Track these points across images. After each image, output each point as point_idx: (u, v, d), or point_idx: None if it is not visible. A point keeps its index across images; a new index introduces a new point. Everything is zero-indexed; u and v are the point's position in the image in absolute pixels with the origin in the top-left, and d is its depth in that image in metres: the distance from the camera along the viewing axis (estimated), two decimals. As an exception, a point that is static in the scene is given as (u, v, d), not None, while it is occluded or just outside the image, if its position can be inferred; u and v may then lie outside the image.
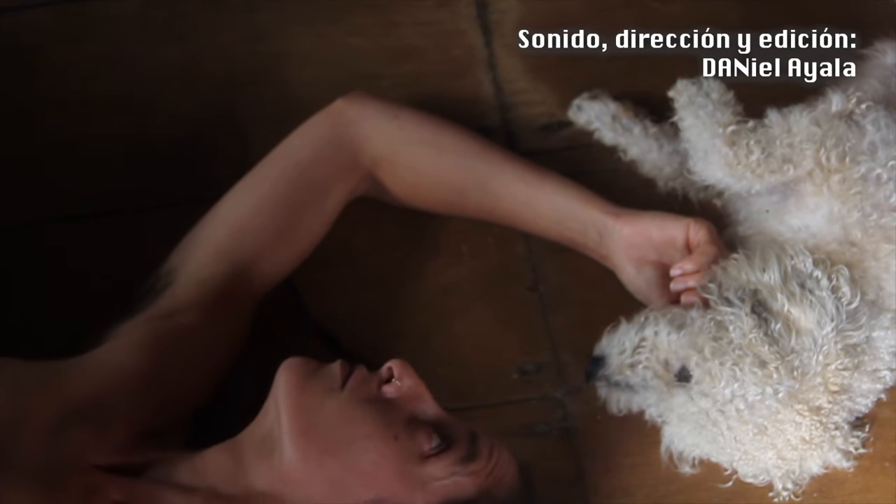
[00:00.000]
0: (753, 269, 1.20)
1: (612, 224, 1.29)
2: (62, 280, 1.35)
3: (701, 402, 1.16)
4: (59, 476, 1.04)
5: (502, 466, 1.11)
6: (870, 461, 1.27)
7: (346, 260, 1.38)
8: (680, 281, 1.23)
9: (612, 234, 1.29)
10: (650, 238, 1.27)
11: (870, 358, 1.20)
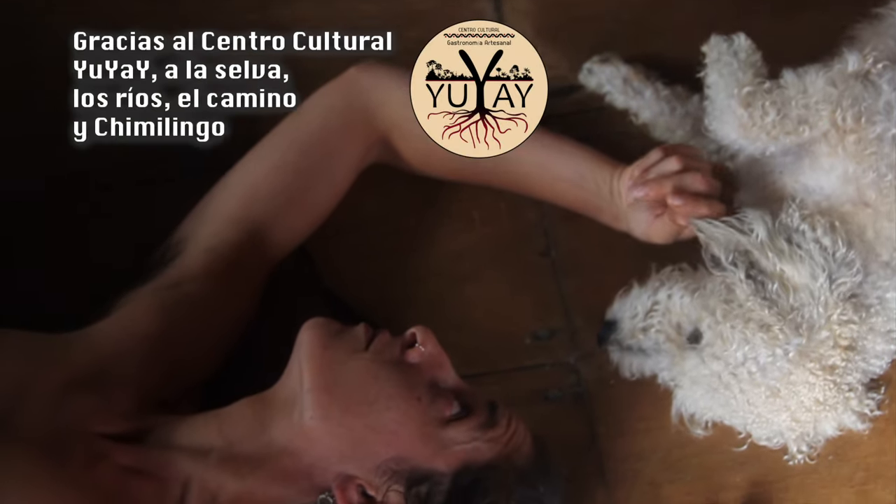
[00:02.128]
0: (742, 231, 1.20)
1: (618, 178, 1.30)
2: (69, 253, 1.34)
3: (713, 364, 1.16)
4: (63, 443, 1.04)
5: (520, 435, 1.11)
6: (885, 423, 1.26)
7: (358, 226, 1.38)
8: (636, 188, 1.25)
9: (618, 187, 1.30)
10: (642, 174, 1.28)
11: (883, 319, 1.19)
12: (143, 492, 1.04)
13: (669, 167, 1.25)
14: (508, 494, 1.08)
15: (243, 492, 1.05)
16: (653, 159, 1.26)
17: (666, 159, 1.25)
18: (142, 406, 1.12)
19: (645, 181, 1.25)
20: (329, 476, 1.06)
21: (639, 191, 1.25)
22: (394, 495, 1.05)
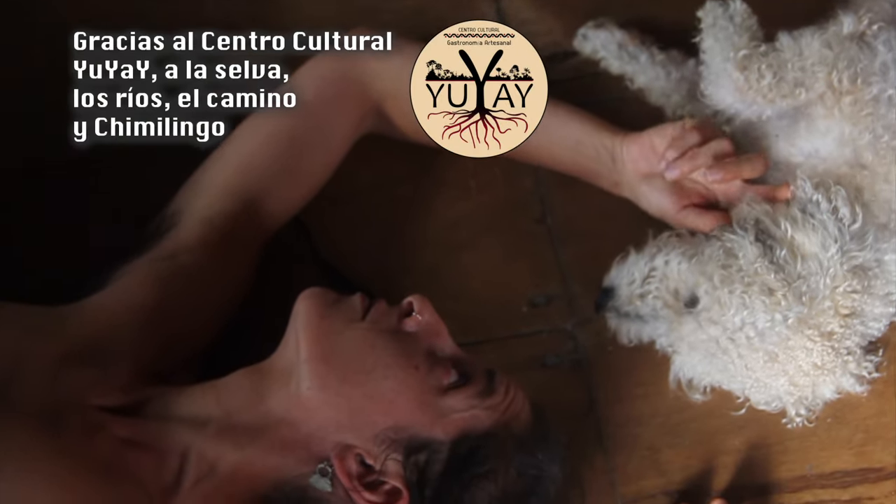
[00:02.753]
0: (752, 201, 1.20)
1: (621, 145, 1.29)
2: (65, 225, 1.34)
3: (710, 329, 1.16)
4: (60, 416, 1.03)
5: (518, 402, 1.11)
6: (883, 385, 1.27)
7: (353, 196, 1.37)
8: (671, 168, 1.24)
9: (623, 156, 1.30)
10: (654, 148, 1.28)
11: (882, 282, 1.19)
12: (141, 463, 1.03)
13: (693, 140, 1.25)
14: (507, 462, 1.08)
15: (242, 462, 1.05)
16: (690, 141, 1.25)
17: (690, 133, 1.26)
18: (139, 378, 1.11)
19: (675, 160, 1.25)
20: (327, 445, 1.05)
21: (672, 171, 1.25)
22: (392, 464, 1.05)
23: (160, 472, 1.04)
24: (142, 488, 1.02)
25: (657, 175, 1.28)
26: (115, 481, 1.01)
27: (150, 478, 1.03)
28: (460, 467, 1.06)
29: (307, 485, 1.05)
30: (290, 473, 1.06)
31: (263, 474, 1.06)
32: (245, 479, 1.05)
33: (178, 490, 1.04)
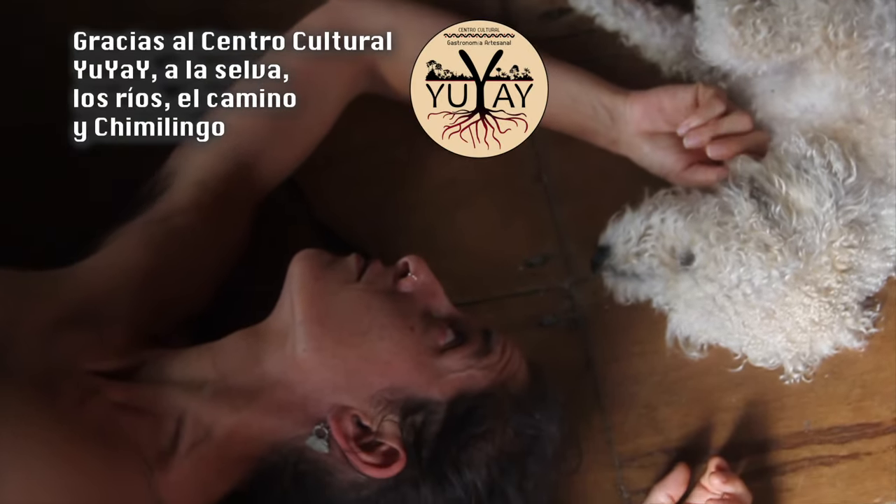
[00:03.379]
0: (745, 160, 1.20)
1: (623, 104, 1.29)
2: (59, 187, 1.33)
3: (706, 286, 1.15)
4: (54, 381, 1.03)
5: (515, 362, 1.11)
6: (881, 340, 1.26)
7: (347, 157, 1.37)
8: (692, 136, 1.25)
9: (624, 115, 1.29)
10: (661, 108, 1.28)
11: (879, 237, 1.19)
12: (137, 428, 1.03)
13: (719, 110, 1.26)
14: (504, 422, 1.08)
15: (238, 424, 1.05)
16: (717, 111, 1.26)
17: (717, 102, 1.26)
18: (133, 341, 1.11)
19: (699, 128, 1.25)
20: (324, 407, 1.05)
21: (694, 139, 1.25)
22: (389, 425, 1.05)
23: (156, 436, 1.04)
24: (138, 452, 1.02)
25: (661, 134, 1.29)
26: (110, 446, 1.01)
27: (145, 442, 1.03)
28: (457, 428, 1.06)
29: (304, 446, 1.05)
30: (287, 435, 1.06)
31: (260, 437, 1.06)
32: (241, 442, 1.05)
33: (174, 453, 1.04)
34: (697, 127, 1.26)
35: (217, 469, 1.06)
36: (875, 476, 1.22)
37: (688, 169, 1.27)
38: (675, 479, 1.19)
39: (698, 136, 1.26)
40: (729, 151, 1.24)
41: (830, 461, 1.23)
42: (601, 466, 1.25)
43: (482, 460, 1.07)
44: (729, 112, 1.27)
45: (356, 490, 1.05)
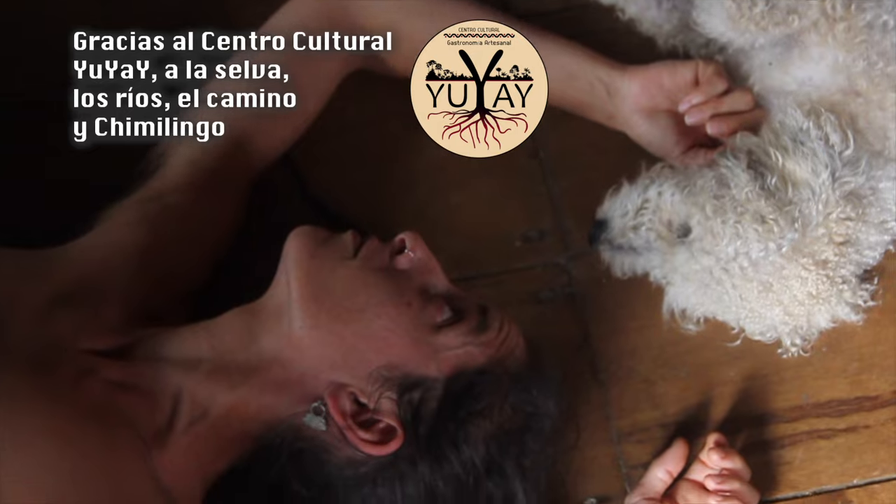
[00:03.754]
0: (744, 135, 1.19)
1: (620, 79, 1.29)
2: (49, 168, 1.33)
3: (703, 259, 1.15)
4: (50, 359, 1.03)
5: (512, 338, 1.11)
6: (879, 313, 1.26)
7: (343, 133, 1.36)
8: (694, 113, 1.25)
9: (621, 90, 1.29)
10: (661, 85, 1.27)
11: (877, 209, 1.18)
12: (133, 406, 1.03)
13: (721, 88, 1.26)
14: (502, 398, 1.08)
15: (235, 402, 1.05)
16: (719, 89, 1.26)
17: (719, 80, 1.26)
18: (129, 320, 1.11)
19: (700, 105, 1.25)
20: (321, 384, 1.05)
21: (695, 116, 1.25)
22: (386, 402, 1.05)
23: (153, 415, 1.04)
24: (134, 431, 1.02)
25: (660, 111, 1.29)
26: (106, 425, 1.00)
27: (142, 420, 1.03)
28: (455, 405, 1.06)
29: (301, 424, 1.05)
30: (284, 413, 1.05)
31: (257, 414, 1.06)
32: (238, 420, 1.05)
33: (171, 432, 1.04)
34: (698, 104, 1.25)
35: (214, 447, 1.06)
36: (873, 449, 1.22)
37: (688, 152, 1.27)
38: (674, 455, 1.19)
39: (699, 114, 1.25)
40: (729, 129, 1.23)
41: (828, 435, 1.23)
42: (599, 442, 1.24)
43: (480, 437, 1.06)
44: (730, 90, 1.26)
45: (354, 467, 1.05)
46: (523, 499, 1.09)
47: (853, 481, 1.21)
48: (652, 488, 1.18)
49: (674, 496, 1.17)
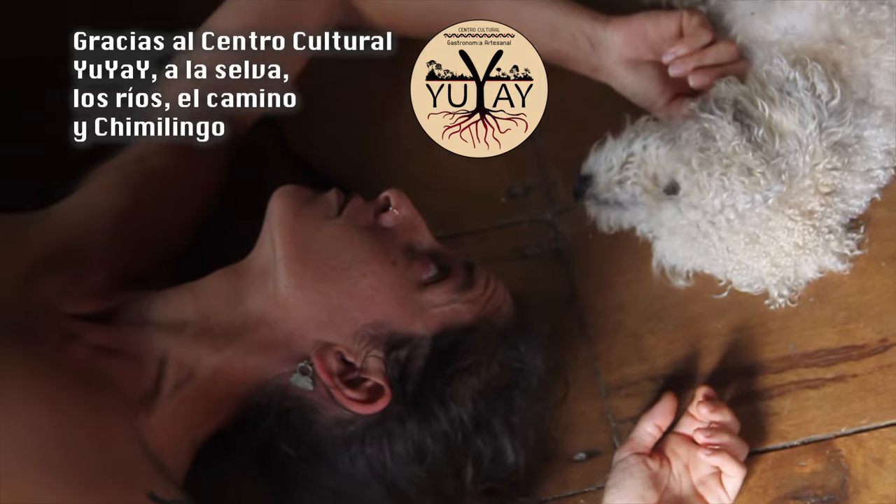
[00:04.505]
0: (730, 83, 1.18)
1: (604, 30, 1.28)
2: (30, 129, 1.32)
3: (690, 214, 1.15)
4: (33, 324, 1.02)
5: (499, 295, 1.10)
6: (866, 262, 1.26)
7: (324, 90, 1.34)
8: (678, 65, 1.24)
9: (605, 41, 1.28)
10: (645, 36, 1.27)
11: (862, 158, 1.18)
12: (119, 370, 1.02)
13: (706, 39, 1.25)
14: (489, 355, 1.08)
15: (221, 364, 1.05)
16: (704, 40, 1.25)
17: (703, 31, 1.25)
18: (113, 283, 1.10)
19: (684, 57, 1.24)
20: (307, 344, 1.05)
21: (679, 68, 1.25)
22: (373, 361, 1.04)
23: (138, 379, 1.03)
24: (120, 395, 1.02)
25: (645, 63, 1.28)
26: (92, 389, 1.00)
27: (128, 384, 1.02)
28: (442, 362, 1.06)
29: (288, 384, 1.05)
30: (271, 374, 1.05)
31: (243, 376, 1.05)
32: (225, 382, 1.05)
33: (157, 395, 1.03)
34: (682, 56, 1.25)
35: (201, 410, 1.06)
36: (861, 398, 1.22)
37: (673, 103, 1.27)
38: (663, 409, 1.19)
39: (683, 66, 1.25)
40: (712, 82, 1.23)
41: (817, 384, 1.23)
42: (588, 396, 1.24)
43: (468, 394, 1.06)
44: (714, 41, 1.25)
45: (342, 426, 1.05)
46: (512, 455, 1.09)
47: (841, 430, 1.21)
48: (641, 443, 1.17)
49: (663, 450, 1.17)
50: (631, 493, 1.14)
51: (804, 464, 1.20)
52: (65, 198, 1.15)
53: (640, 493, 1.14)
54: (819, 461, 1.20)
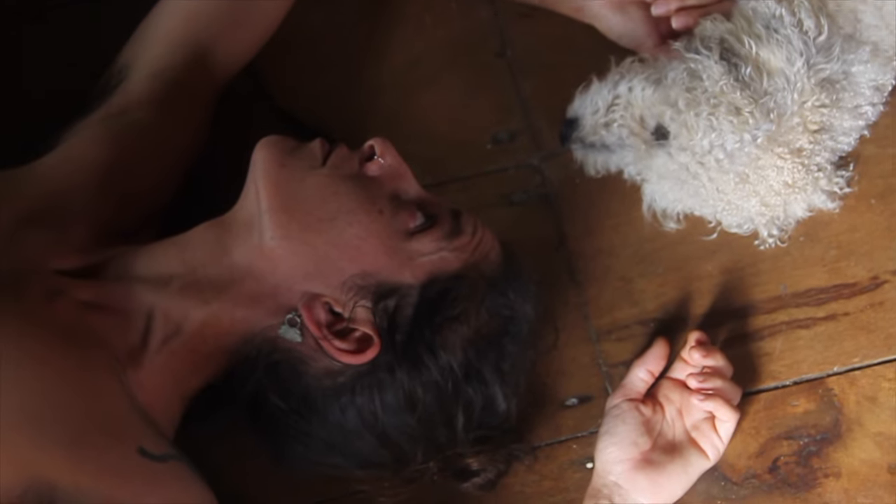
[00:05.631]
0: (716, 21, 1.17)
1: None
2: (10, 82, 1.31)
3: (680, 156, 1.14)
4: (18, 280, 1.01)
5: (486, 242, 1.10)
6: (855, 200, 1.25)
7: (306, 41, 1.34)
8: (661, 4, 1.24)
9: None
10: None
11: (850, 94, 1.17)
12: (105, 326, 1.02)
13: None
14: (478, 303, 1.07)
15: (208, 317, 1.04)
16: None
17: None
18: (98, 239, 1.09)
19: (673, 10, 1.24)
20: (295, 296, 1.04)
21: (661, 7, 1.24)
22: (361, 311, 1.04)
23: (125, 334, 1.03)
24: (107, 350, 1.01)
25: (631, 4, 1.27)
26: (78, 345, 1.00)
27: (115, 340, 1.02)
28: (431, 311, 1.05)
29: (276, 336, 1.04)
30: (259, 326, 1.05)
31: (231, 329, 1.05)
32: (213, 335, 1.05)
33: (145, 350, 1.03)
34: None
35: (190, 364, 1.05)
36: (853, 336, 1.22)
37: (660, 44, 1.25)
38: (655, 355, 1.19)
39: (665, 6, 1.23)
40: (695, 23, 1.21)
41: (808, 324, 1.23)
42: (578, 341, 1.24)
43: (457, 343, 1.06)
44: None
45: (332, 377, 1.04)
46: (503, 402, 1.09)
47: (833, 369, 1.21)
48: (633, 388, 1.17)
49: (655, 396, 1.17)
50: (624, 439, 1.14)
51: (796, 403, 1.20)
52: (47, 153, 1.14)
53: (633, 440, 1.14)
54: (811, 400, 1.20)
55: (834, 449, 1.19)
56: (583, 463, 1.19)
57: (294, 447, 1.08)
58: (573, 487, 1.18)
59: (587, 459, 1.19)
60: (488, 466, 1.14)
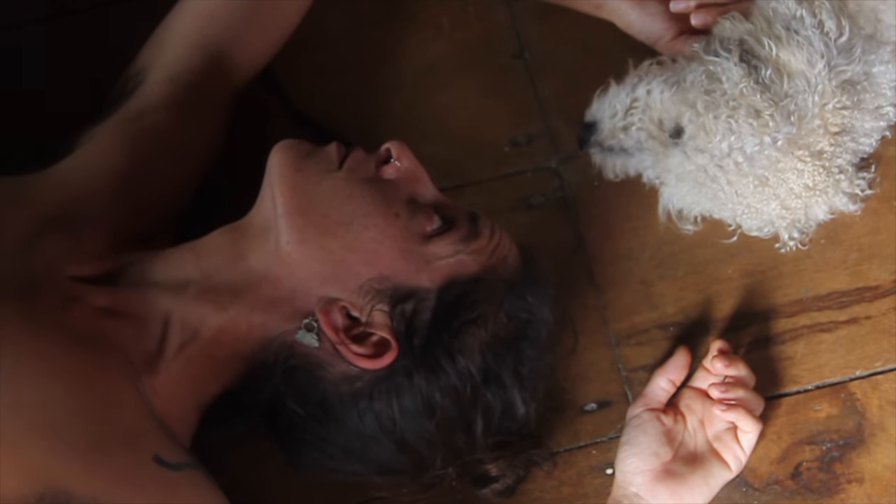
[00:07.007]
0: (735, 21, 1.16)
1: None
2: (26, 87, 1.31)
3: (698, 158, 1.13)
4: (35, 286, 1.01)
5: (504, 245, 1.09)
6: (877, 202, 1.24)
7: (323, 43, 1.34)
8: (679, 1, 1.22)
9: None
10: None
11: (871, 95, 1.16)
12: (122, 332, 1.02)
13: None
14: (496, 307, 1.06)
15: (225, 323, 1.04)
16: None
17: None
18: (114, 244, 1.09)
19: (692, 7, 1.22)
20: (311, 300, 1.04)
21: (680, 3, 1.23)
22: (379, 315, 1.03)
23: (142, 340, 1.03)
24: (124, 357, 1.01)
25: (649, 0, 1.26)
26: (94, 351, 0.99)
27: (131, 346, 1.02)
28: (449, 315, 1.04)
29: (293, 341, 1.04)
30: (276, 331, 1.04)
31: (248, 334, 1.04)
32: (230, 341, 1.04)
33: (161, 356, 1.03)
34: None
35: (207, 370, 1.05)
36: (876, 339, 1.21)
37: (679, 38, 1.24)
38: (676, 364, 1.18)
39: (685, 1, 1.22)
40: (713, 21, 1.20)
41: (830, 327, 1.22)
42: (597, 346, 1.23)
43: (476, 347, 1.05)
44: None
45: (349, 383, 1.04)
46: (522, 407, 1.08)
47: (856, 373, 1.20)
48: (655, 398, 1.16)
49: (677, 405, 1.16)
50: (645, 449, 1.13)
51: (819, 408, 1.19)
52: (63, 158, 1.14)
53: (655, 450, 1.13)
54: (834, 405, 1.19)
55: (857, 454, 1.18)
56: (602, 469, 1.18)
57: (311, 453, 1.08)
58: (592, 493, 1.18)
59: (607, 465, 1.18)
60: (507, 472, 1.13)
